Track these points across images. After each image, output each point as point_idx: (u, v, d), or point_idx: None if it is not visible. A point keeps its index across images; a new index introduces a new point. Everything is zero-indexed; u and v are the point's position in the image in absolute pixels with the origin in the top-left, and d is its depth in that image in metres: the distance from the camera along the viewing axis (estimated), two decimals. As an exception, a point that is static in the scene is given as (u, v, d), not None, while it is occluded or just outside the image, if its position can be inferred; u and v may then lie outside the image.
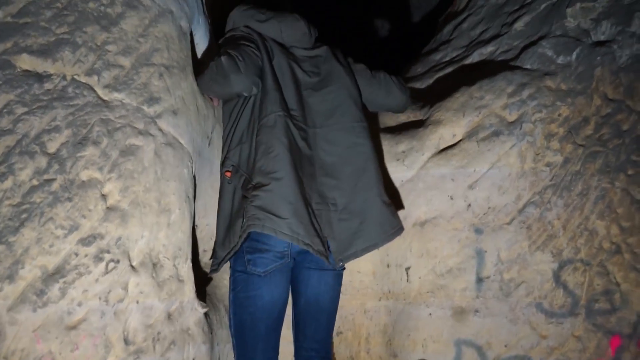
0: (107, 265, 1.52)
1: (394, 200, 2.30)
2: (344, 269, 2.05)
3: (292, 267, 1.95)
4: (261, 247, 1.81)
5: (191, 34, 2.29)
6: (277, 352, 1.94)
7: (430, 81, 3.05)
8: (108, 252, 1.53)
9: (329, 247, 1.87)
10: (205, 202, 2.24)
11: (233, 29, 2.13)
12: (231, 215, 1.87)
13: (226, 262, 1.85)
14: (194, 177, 2.03)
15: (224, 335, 2.13)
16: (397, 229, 1.98)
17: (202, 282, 2.16)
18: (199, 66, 2.22)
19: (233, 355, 1.94)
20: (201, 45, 2.44)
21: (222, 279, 2.25)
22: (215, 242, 1.92)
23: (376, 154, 2.05)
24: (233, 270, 1.89)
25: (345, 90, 2.09)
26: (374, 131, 2.40)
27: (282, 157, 1.82)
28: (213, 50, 2.53)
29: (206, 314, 1.96)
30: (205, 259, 2.27)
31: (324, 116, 2.03)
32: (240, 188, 1.86)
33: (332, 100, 2.06)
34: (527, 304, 2.17)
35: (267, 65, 1.98)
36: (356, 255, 1.90)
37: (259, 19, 2.10)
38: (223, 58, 1.88)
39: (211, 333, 1.98)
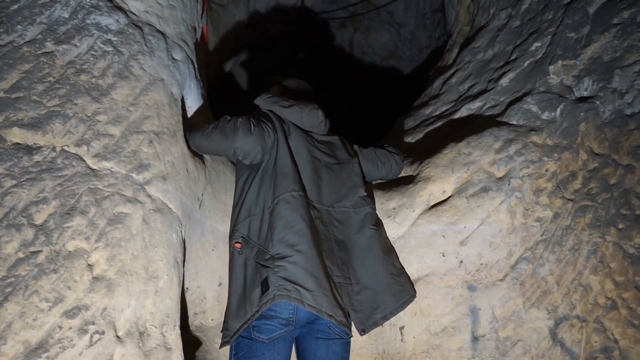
0: (91, 337, 1.50)
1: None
2: (351, 336, 2.04)
3: (297, 336, 1.98)
4: (267, 314, 1.80)
5: (183, 99, 2.35)
6: None
7: (421, 135, 3.10)
8: (93, 323, 1.51)
9: (348, 316, 1.96)
10: (196, 264, 2.23)
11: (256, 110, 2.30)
12: (245, 287, 1.87)
13: (239, 332, 1.82)
14: (184, 241, 2.03)
15: (215, 402, 2.08)
16: (409, 296, 2.12)
17: (193, 347, 2.13)
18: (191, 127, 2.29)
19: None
20: (193, 108, 2.50)
21: (213, 342, 2.21)
22: (227, 314, 1.90)
23: (380, 233, 2.20)
24: (240, 335, 1.85)
25: (354, 177, 2.28)
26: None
27: (304, 231, 1.91)
28: (206, 110, 2.60)
29: (195, 382, 1.92)
30: (196, 322, 2.24)
31: (335, 197, 2.18)
32: (254, 258, 1.89)
33: (343, 183, 2.23)
34: (524, 363, 2.12)
35: (282, 143, 2.10)
36: (376, 324, 2.00)
37: (283, 105, 2.26)
38: (241, 117, 2.03)
39: (200, 402, 1.93)
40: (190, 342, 2.15)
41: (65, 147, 1.66)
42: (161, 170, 1.90)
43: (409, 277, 2.22)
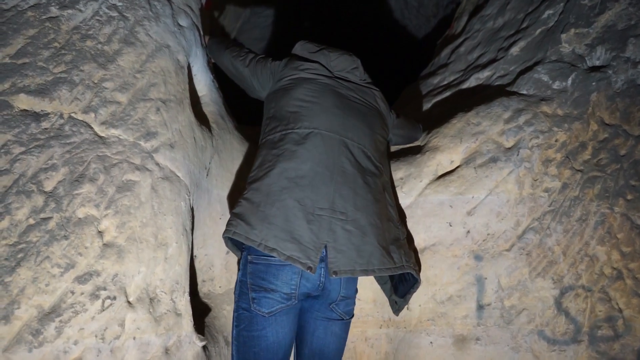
0: (103, 302, 1.52)
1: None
2: (353, 316, 2.02)
3: (299, 310, 1.93)
4: (267, 287, 1.78)
5: (189, 67, 2.32)
6: None
7: (429, 105, 3.07)
8: (104, 289, 1.53)
9: (325, 256, 1.79)
10: (203, 232, 2.24)
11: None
12: None
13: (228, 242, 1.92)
14: (192, 209, 2.04)
15: (223, 367, 2.12)
16: (399, 266, 1.90)
17: (201, 313, 2.16)
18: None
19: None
20: (199, 76, 2.47)
21: (221, 309, 2.24)
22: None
23: (386, 196, 2.08)
24: (237, 306, 1.86)
25: (379, 128, 2.20)
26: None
27: (272, 169, 1.89)
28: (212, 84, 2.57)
29: (205, 347, 1.95)
30: (204, 289, 2.27)
31: (356, 133, 2.05)
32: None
33: (367, 125, 2.13)
34: (529, 331, 2.15)
35: (290, 84, 2.13)
36: (353, 274, 1.78)
37: (311, 50, 2.30)
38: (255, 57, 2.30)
39: (210, 366, 1.97)
40: (199, 309, 2.17)
41: (72, 114, 1.65)
42: (169, 138, 1.89)
43: (405, 252, 2.01)
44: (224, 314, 2.24)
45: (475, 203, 2.26)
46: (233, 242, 1.96)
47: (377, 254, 1.83)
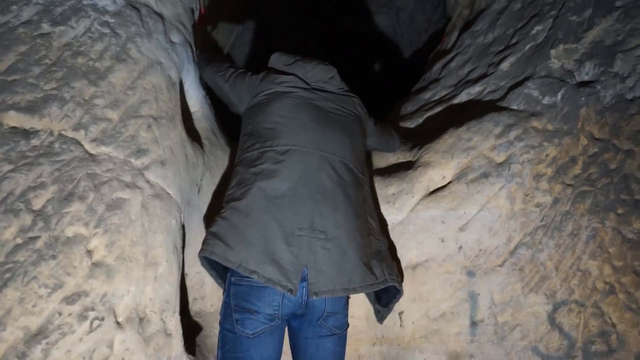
0: (91, 323, 1.49)
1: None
2: (348, 327, 1.98)
3: (285, 329, 1.90)
4: (250, 308, 1.76)
5: (181, 83, 2.32)
6: None
7: (420, 120, 3.08)
8: (93, 309, 1.51)
9: (306, 275, 1.77)
10: (195, 250, 2.21)
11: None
12: None
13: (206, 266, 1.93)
14: (183, 227, 2.02)
15: (215, 387, 2.09)
16: (381, 281, 1.91)
17: (192, 332, 2.13)
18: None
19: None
20: (191, 93, 2.47)
21: (213, 328, 2.21)
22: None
23: (364, 207, 2.06)
24: (222, 327, 1.83)
25: (358, 137, 2.19)
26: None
27: (250, 188, 1.86)
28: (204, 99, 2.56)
29: (196, 367, 1.92)
30: (195, 307, 2.24)
31: (335, 146, 2.04)
32: None
33: (347, 136, 2.11)
34: (522, 347, 2.13)
35: (266, 100, 2.11)
36: (333, 294, 1.77)
37: (286, 62, 2.28)
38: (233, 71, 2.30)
39: (201, 386, 1.94)
40: (190, 328, 2.15)
41: (62, 132, 1.64)
42: (160, 155, 1.88)
43: (387, 264, 2.01)
44: (215, 332, 2.20)
45: (467, 218, 2.26)
46: (208, 262, 1.92)
47: (359, 271, 1.82)
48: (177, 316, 1.81)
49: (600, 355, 2.10)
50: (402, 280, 2.20)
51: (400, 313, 2.28)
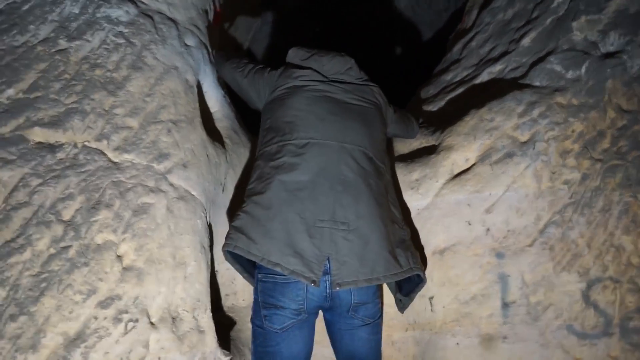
0: (126, 325, 1.56)
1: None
2: (381, 315, 1.98)
3: (314, 321, 1.92)
4: (276, 304, 1.79)
5: (199, 85, 2.35)
6: None
7: (442, 103, 3.04)
8: (126, 312, 1.57)
9: (329, 268, 1.79)
10: (223, 247, 2.27)
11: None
12: None
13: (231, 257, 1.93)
14: (210, 226, 2.07)
15: (251, 379, 2.14)
16: (407, 269, 1.90)
17: (227, 327, 2.19)
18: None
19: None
20: (210, 93, 2.50)
21: (246, 322, 2.26)
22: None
23: (387, 196, 2.06)
24: (252, 323, 1.89)
25: (378, 126, 2.19)
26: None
27: (272, 182, 1.88)
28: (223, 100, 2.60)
29: (231, 361, 1.98)
30: (228, 303, 2.30)
31: (355, 137, 2.04)
32: None
33: (367, 126, 2.11)
34: (557, 326, 2.10)
35: (283, 95, 2.13)
36: (356, 284, 1.78)
37: (303, 56, 2.28)
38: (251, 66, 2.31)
39: (237, 380, 1.99)
40: (224, 323, 2.20)
41: (86, 143, 1.70)
42: (181, 158, 1.92)
43: (412, 253, 2.00)
44: (248, 326, 2.25)
45: (493, 200, 2.23)
46: (232, 256, 1.94)
47: (382, 261, 1.82)
48: (209, 313, 1.86)
49: (639, 331, 2.05)
50: (425, 269, 2.19)
51: (431, 298, 2.28)
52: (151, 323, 1.63)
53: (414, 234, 2.32)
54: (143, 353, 1.58)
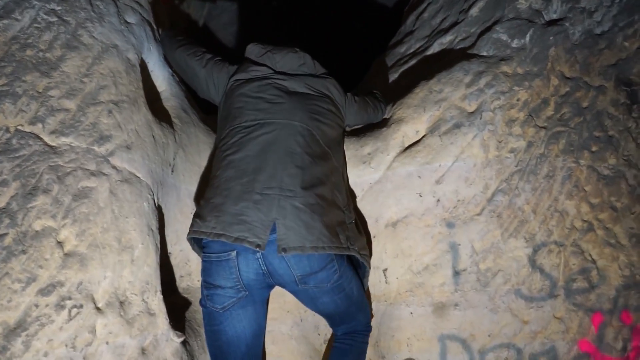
0: (70, 311, 1.53)
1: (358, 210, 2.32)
2: (341, 278, 1.94)
3: (262, 300, 1.94)
4: (214, 283, 1.82)
5: (144, 64, 2.29)
6: None
7: (396, 76, 3.04)
8: (69, 298, 1.54)
9: (274, 231, 1.77)
10: (175, 228, 2.24)
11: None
12: None
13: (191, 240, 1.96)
14: (159, 208, 2.03)
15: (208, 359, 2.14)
16: (345, 247, 1.89)
17: (182, 308, 2.18)
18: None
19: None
20: (157, 72, 2.43)
21: (202, 302, 2.26)
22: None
23: (333, 179, 2.06)
24: (200, 303, 1.93)
25: (325, 112, 2.16)
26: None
27: (221, 163, 1.96)
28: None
29: (185, 342, 1.97)
30: (183, 284, 2.28)
31: (303, 116, 2.06)
32: None
33: (318, 110, 2.13)
34: (505, 291, 2.17)
35: (236, 86, 2.17)
36: (303, 250, 1.75)
37: (258, 53, 2.28)
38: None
39: (192, 360, 1.99)
40: (179, 304, 2.19)
41: (19, 127, 1.63)
42: (124, 140, 1.88)
43: (351, 236, 1.98)
44: (205, 306, 2.25)
45: (442, 171, 2.26)
46: (196, 243, 1.97)
47: (326, 231, 1.83)
48: (160, 295, 1.85)
49: (582, 292, 2.14)
50: (369, 256, 2.21)
51: (385, 270, 2.31)
52: (97, 308, 1.61)
53: (365, 211, 2.35)
54: (90, 338, 1.56)
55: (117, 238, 1.71)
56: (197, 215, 1.87)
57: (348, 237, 1.94)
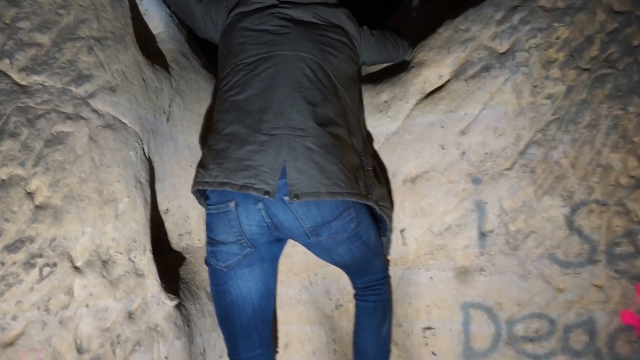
0: (41, 270, 1.35)
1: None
2: (357, 226, 1.71)
3: (270, 258, 1.77)
4: (216, 239, 1.65)
5: (134, 1, 2.06)
6: (268, 347, 1.80)
7: (419, 17, 2.76)
8: (41, 255, 1.36)
9: (284, 175, 1.56)
10: (173, 182, 2.05)
11: None
12: None
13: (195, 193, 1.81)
14: (149, 159, 1.84)
15: (208, 323, 1.98)
16: (364, 195, 1.68)
17: (179, 269, 2.00)
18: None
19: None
20: (152, 12, 2.20)
21: (202, 263, 2.08)
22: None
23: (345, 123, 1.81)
24: (205, 261, 1.78)
25: (337, 44, 1.92)
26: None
27: (224, 106, 1.78)
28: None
29: (181, 306, 1.80)
30: (182, 244, 2.10)
31: (312, 48, 1.82)
32: None
33: (322, 43, 1.87)
34: (538, 256, 1.93)
35: (236, 21, 1.94)
36: (318, 196, 1.53)
37: None
38: None
39: (188, 325, 1.82)
40: (177, 265, 2.02)
41: (-18, 63, 1.43)
42: (108, 80, 1.66)
43: (370, 185, 1.78)
44: (205, 268, 2.07)
45: (468, 120, 2.00)
46: (202, 196, 1.81)
47: (343, 176, 1.59)
48: (149, 255, 1.66)
49: (626, 257, 1.89)
50: (391, 209, 1.98)
51: (402, 230, 2.09)
52: (75, 267, 1.43)
53: (380, 165, 2.12)
54: (66, 300, 1.39)
55: (97, 190, 1.52)
56: (200, 165, 1.71)
57: (367, 185, 1.71)
